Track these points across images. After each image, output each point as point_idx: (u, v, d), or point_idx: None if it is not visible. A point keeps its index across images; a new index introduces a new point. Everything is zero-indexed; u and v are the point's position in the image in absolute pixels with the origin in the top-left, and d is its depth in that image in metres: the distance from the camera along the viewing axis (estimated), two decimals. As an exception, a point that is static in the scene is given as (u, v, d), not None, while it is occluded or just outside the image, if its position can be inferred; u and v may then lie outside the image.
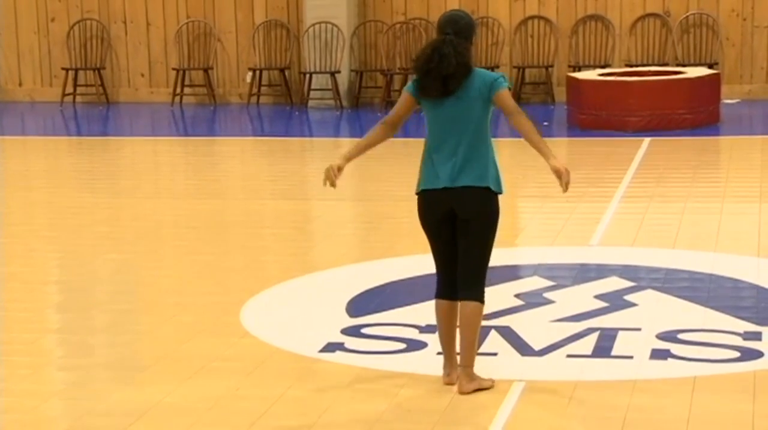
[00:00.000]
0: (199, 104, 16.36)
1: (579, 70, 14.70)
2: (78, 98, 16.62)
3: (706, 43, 15.26)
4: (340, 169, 5.47)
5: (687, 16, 15.27)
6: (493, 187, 5.34)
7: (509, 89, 5.40)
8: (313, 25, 15.65)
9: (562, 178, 5.20)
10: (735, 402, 5.19)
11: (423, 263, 7.58)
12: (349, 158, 5.57)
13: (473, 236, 5.33)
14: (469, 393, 5.28)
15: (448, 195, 5.31)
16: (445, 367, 5.47)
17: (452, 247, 5.39)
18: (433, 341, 6.00)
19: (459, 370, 5.37)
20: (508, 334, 6.07)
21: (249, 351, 5.98)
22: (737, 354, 5.74)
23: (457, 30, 5.35)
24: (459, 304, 5.36)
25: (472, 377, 5.34)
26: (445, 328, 5.43)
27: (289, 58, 16.11)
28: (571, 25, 15.22)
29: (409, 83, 5.47)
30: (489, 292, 6.80)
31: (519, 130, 5.34)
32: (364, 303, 6.71)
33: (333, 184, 5.43)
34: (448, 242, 5.40)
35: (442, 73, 5.28)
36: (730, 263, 7.40)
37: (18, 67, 16.97)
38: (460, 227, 5.35)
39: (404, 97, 5.47)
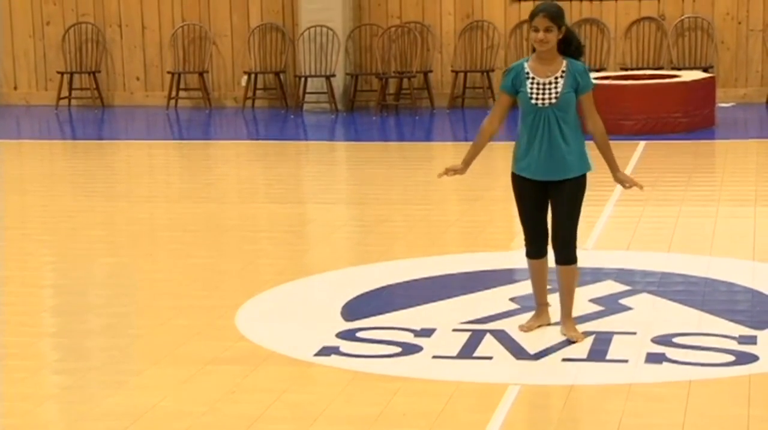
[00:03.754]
0: (194, 108, 16.37)
1: (574, 74, 14.69)
2: (73, 102, 16.62)
3: (701, 46, 15.28)
4: (457, 172, 6.14)
5: (682, 20, 15.29)
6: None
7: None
8: (309, 28, 15.66)
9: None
10: (730, 406, 5.20)
11: (418, 266, 7.60)
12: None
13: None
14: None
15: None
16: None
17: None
18: (428, 344, 6.01)
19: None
20: (503, 338, 6.07)
21: (244, 355, 5.98)
22: (732, 358, 5.74)
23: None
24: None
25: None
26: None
27: (285, 61, 16.12)
28: (567, 28, 15.23)
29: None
30: (483, 296, 6.86)
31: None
32: (359, 307, 6.71)
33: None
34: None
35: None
36: (725, 267, 7.41)
37: (13, 70, 16.97)
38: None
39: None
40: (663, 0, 15.34)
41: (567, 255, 6.00)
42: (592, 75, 14.28)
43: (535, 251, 6.09)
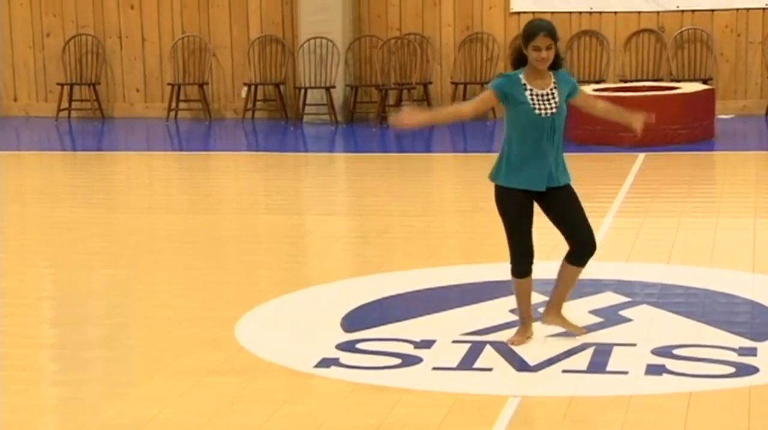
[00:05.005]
0: (194, 119, 16.38)
1: (574, 86, 14.71)
2: (73, 113, 16.63)
3: (700, 58, 15.29)
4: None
5: (681, 32, 15.31)
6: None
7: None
8: (308, 40, 15.67)
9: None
10: (730, 418, 5.19)
11: (418, 277, 7.59)
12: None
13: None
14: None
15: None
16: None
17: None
18: (428, 356, 6.00)
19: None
20: (503, 349, 6.06)
21: (244, 366, 5.97)
22: (732, 370, 5.74)
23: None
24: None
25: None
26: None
27: (284, 73, 16.13)
28: (566, 40, 15.24)
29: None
30: (483, 307, 6.86)
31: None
32: (359, 318, 6.71)
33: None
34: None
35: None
36: (725, 279, 7.40)
37: (13, 82, 16.99)
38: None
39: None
40: (662, 12, 15.37)
41: (591, 255, 6.11)
42: (591, 87, 14.34)
43: (523, 270, 6.08)
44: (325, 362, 5.96)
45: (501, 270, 7.51)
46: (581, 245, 6.08)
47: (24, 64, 16.89)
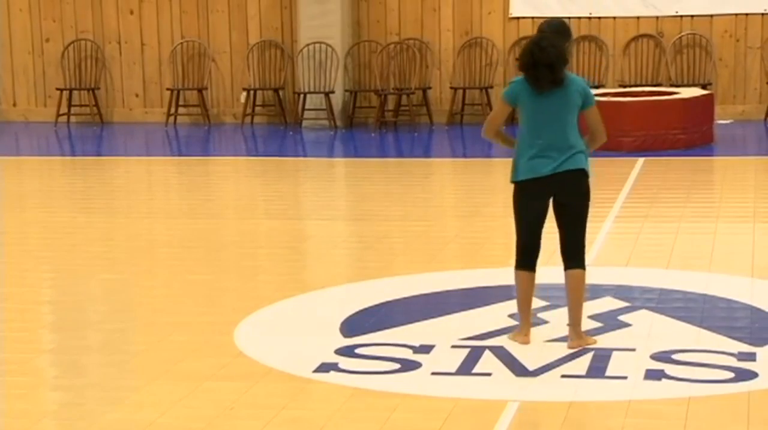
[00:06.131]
0: (193, 124, 16.38)
1: (573, 91, 14.71)
2: (72, 118, 16.63)
3: (699, 63, 15.31)
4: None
5: (680, 37, 15.32)
6: (586, 169, 6.12)
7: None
8: (308, 45, 15.68)
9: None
10: (730, 423, 5.19)
11: (417, 282, 7.59)
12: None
13: (576, 213, 6.13)
14: (576, 349, 6.05)
15: (552, 180, 6.06)
16: (521, 329, 6.20)
17: (538, 226, 6.17)
18: (427, 361, 6.00)
19: (569, 328, 6.15)
20: (502, 354, 6.06)
21: (243, 371, 5.97)
22: (731, 375, 5.74)
23: (553, 29, 6.15)
24: (568, 272, 6.15)
25: (580, 334, 6.13)
26: (523, 297, 6.23)
27: (284, 78, 16.14)
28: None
29: (505, 90, 6.21)
30: (482, 312, 6.86)
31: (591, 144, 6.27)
32: (358, 323, 6.71)
33: None
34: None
35: (545, 63, 5.97)
36: (724, 284, 7.40)
37: (12, 87, 16.99)
38: (565, 203, 6.12)
39: (498, 106, 6.27)
40: (661, 17, 15.38)
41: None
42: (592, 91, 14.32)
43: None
44: (324, 367, 5.96)
45: (500, 275, 7.51)
46: (573, 253, 6.17)
47: (23, 69, 16.89)
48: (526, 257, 6.21)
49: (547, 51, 5.99)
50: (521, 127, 6.19)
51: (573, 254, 6.17)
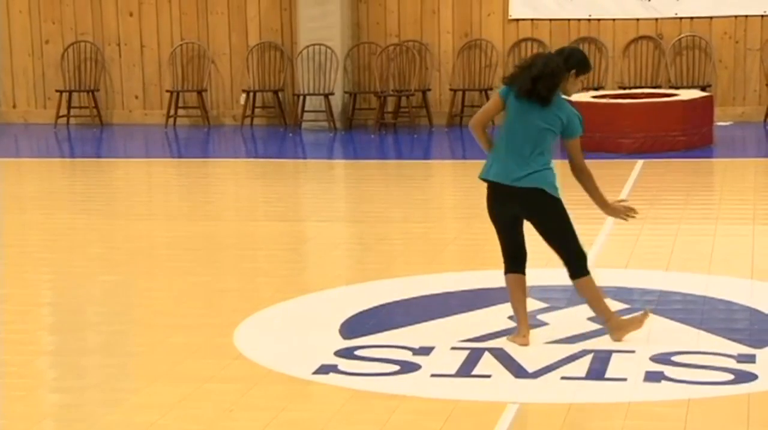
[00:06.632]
0: (192, 126, 16.38)
1: (572, 93, 14.71)
2: (72, 120, 16.63)
3: (699, 65, 15.31)
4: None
5: (680, 39, 15.33)
6: (548, 190, 6.11)
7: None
8: (307, 47, 15.68)
9: (624, 214, 6.45)
10: (729, 425, 5.19)
11: (417, 284, 7.59)
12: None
13: (546, 229, 6.17)
14: (622, 339, 6.17)
15: (511, 192, 6.11)
16: (520, 331, 6.22)
17: (514, 231, 6.25)
18: (427, 363, 6.00)
19: (605, 326, 6.23)
20: (501, 356, 6.06)
21: (242, 373, 5.97)
22: (731, 377, 5.74)
23: (562, 57, 6.19)
24: (574, 282, 6.21)
25: (617, 326, 6.21)
26: (514, 299, 6.27)
27: (283, 79, 16.14)
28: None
29: (501, 87, 6.25)
30: (481, 314, 6.86)
31: (578, 180, 6.30)
32: (357, 325, 6.71)
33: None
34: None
35: (533, 74, 6.05)
36: (724, 285, 7.40)
37: (12, 89, 16.99)
38: (535, 224, 6.18)
39: (496, 99, 6.25)
40: (661, 19, 15.38)
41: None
42: (590, 93, 14.34)
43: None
44: (323, 369, 5.96)
45: (500, 277, 7.50)
46: (565, 264, 6.23)
47: (23, 71, 16.89)
48: (511, 260, 6.28)
49: (537, 61, 6.12)
50: (501, 129, 6.24)
51: (568, 265, 6.22)
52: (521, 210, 6.18)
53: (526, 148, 6.10)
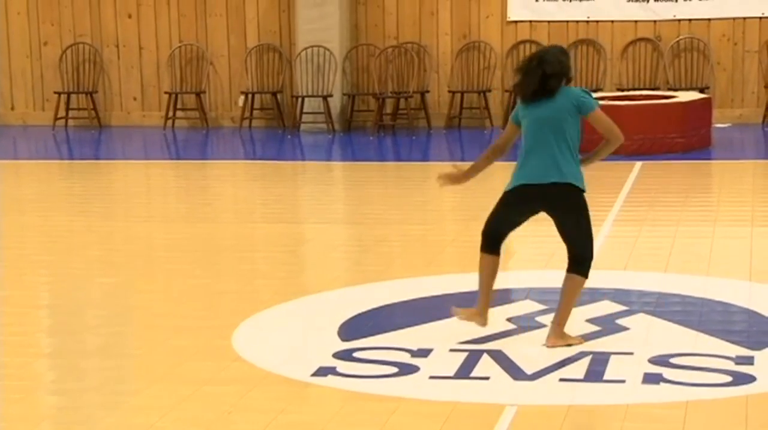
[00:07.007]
0: (191, 128, 16.38)
1: (571, 94, 14.72)
2: (70, 122, 16.63)
3: (697, 67, 15.32)
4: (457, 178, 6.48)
5: (678, 41, 15.34)
6: (577, 184, 6.14)
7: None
8: (306, 48, 15.69)
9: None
10: (727, 427, 5.19)
11: (415, 286, 7.59)
12: (468, 176, 6.48)
13: (568, 222, 6.17)
14: (555, 347, 6.12)
15: (539, 190, 6.12)
16: (478, 308, 6.30)
17: (520, 219, 6.28)
18: (425, 365, 6.00)
19: (551, 326, 6.22)
20: (500, 358, 6.07)
21: (241, 375, 5.97)
22: (729, 378, 5.74)
23: (554, 51, 6.27)
24: (568, 274, 6.20)
25: (561, 335, 6.18)
26: (483, 278, 6.29)
27: (282, 81, 16.15)
28: (563, 49, 15.24)
29: (513, 113, 6.29)
30: (481, 316, 6.85)
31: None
32: (356, 327, 6.71)
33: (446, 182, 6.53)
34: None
35: (547, 72, 6.10)
36: (722, 287, 7.41)
37: (10, 90, 16.99)
38: (558, 217, 6.19)
39: (508, 126, 6.33)
40: (659, 21, 15.39)
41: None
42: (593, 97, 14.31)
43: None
44: (322, 371, 5.96)
45: (498, 278, 7.51)
46: (574, 258, 6.22)
47: (21, 72, 16.89)
48: (489, 239, 6.27)
49: (547, 61, 6.15)
50: (522, 143, 6.28)
51: (577, 261, 6.21)
52: (546, 207, 6.19)
53: (550, 142, 6.11)
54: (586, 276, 6.23)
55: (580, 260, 6.20)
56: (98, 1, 16.53)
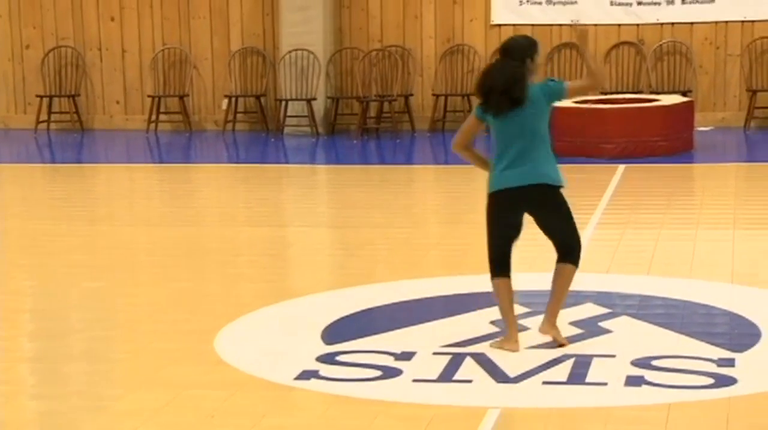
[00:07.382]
0: (174, 131, 16.35)
1: (554, 98, 14.74)
2: (52, 125, 16.58)
3: (679, 71, 15.37)
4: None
5: (661, 44, 15.38)
6: (554, 183, 6.18)
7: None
8: (289, 52, 15.68)
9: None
10: (709, 429, 5.21)
11: (399, 289, 7.60)
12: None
13: (551, 218, 6.23)
14: (546, 334, 6.24)
15: (522, 192, 6.13)
16: (511, 335, 6.24)
17: (516, 236, 6.28)
18: (409, 368, 6.01)
19: (545, 316, 6.29)
20: (483, 361, 6.07)
21: (224, 379, 5.96)
22: (711, 381, 5.76)
23: (508, 54, 6.16)
24: (559, 265, 6.26)
25: (555, 325, 6.26)
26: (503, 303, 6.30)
27: (265, 85, 16.14)
28: (546, 52, 15.28)
29: (476, 108, 6.22)
30: (463, 319, 6.86)
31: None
32: (339, 330, 6.71)
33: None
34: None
35: (500, 90, 6.06)
36: (704, 290, 7.44)
37: (-7, 94, 16.92)
38: (540, 215, 6.23)
39: (471, 121, 6.27)
40: (642, 25, 15.43)
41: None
42: (572, 99, 14.37)
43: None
44: (305, 375, 5.96)
45: (482, 282, 7.51)
46: (563, 249, 6.27)
47: (3, 76, 16.84)
48: (501, 265, 6.27)
49: (495, 76, 6.10)
50: (493, 141, 6.26)
51: (567, 251, 6.27)
52: (528, 207, 6.21)
53: (527, 147, 6.11)
54: (576, 265, 6.28)
55: (569, 250, 6.26)
56: (81, 4, 16.50)
